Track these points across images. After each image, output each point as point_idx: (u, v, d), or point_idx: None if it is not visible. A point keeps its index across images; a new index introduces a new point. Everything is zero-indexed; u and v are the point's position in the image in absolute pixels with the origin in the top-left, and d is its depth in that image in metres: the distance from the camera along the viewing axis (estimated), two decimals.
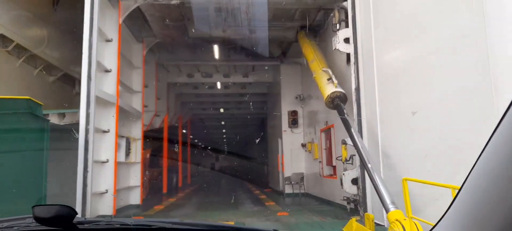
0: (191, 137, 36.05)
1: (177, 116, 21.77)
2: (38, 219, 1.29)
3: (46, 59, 11.00)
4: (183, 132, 25.79)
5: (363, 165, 6.79)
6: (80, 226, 1.38)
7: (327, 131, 11.66)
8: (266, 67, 16.34)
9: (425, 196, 5.50)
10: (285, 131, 14.84)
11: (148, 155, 22.53)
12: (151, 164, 21.24)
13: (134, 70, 12.19)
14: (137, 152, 11.72)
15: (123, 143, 10.72)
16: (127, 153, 10.94)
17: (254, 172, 32.78)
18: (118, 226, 1.48)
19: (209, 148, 70.54)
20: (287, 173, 14.45)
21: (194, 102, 23.33)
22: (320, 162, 12.34)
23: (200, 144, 51.09)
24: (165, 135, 17.29)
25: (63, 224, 1.33)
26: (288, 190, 14.07)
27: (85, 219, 1.47)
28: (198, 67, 17.27)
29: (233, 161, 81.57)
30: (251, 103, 22.89)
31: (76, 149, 7.81)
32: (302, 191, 13.69)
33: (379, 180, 5.70)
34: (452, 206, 0.93)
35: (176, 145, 24.70)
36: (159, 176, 20.89)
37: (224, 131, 39.71)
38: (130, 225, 1.46)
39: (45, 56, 10.95)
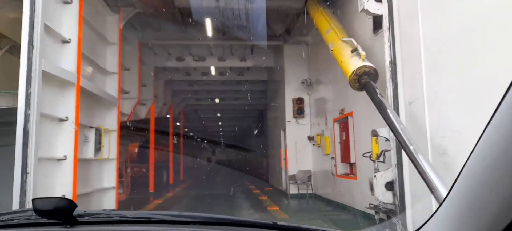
0: (184, 129, 34.08)
1: (167, 106, 19.69)
2: (38, 212, 1.29)
3: None
4: (175, 124, 23.72)
5: (410, 158, 4.76)
6: (79, 219, 1.39)
7: (343, 121, 9.62)
8: (267, 49, 14.22)
9: None
10: (289, 121, 12.79)
11: (134, 150, 20.49)
12: (138, 159, 19.20)
13: (108, 47, 10.06)
14: (111, 146, 9.63)
15: (91, 135, 8.64)
16: (97, 148, 8.85)
17: (253, 168, 30.77)
18: (117, 218, 1.49)
19: (204, 141, 68.70)
20: (292, 170, 12.43)
21: (187, 91, 21.24)
22: (332, 158, 10.32)
23: (194, 137, 48.97)
24: (152, 126, 15.20)
25: (63, 216, 1.34)
26: (292, 190, 12.05)
27: (84, 211, 1.47)
28: (189, 49, 15.15)
29: (230, 156, 79.78)
30: (249, 94, 20.86)
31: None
32: (310, 192, 11.68)
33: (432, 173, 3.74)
34: (443, 203, 0.90)
35: (166, 138, 22.67)
36: (147, 173, 18.87)
37: (220, 123, 37.66)
38: (129, 217, 1.47)
39: None
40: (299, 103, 12.59)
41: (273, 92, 15.66)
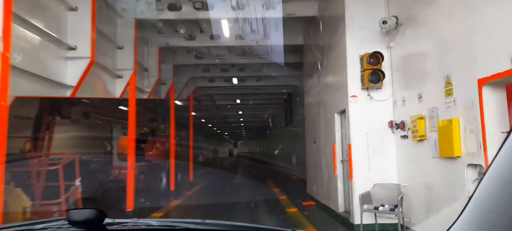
0: (194, 115, 29.13)
1: (167, 83, 14.53)
2: (72, 222, 1.40)
3: None
4: (181, 110, 18.56)
5: None
6: (109, 227, 1.47)
7: None
8: None
9: None
10: (354, 96, 7.23)
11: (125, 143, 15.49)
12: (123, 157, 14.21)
13: None
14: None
15: None
16: None
17: (283, 169, 25.37)
18: (144, 226, 1.59)
19: (225, 134, 63.65)
20: (360, 181, 6.93)
21: (192, 66, 16.02)
22: (473, 165, 4.74)
23: (208, 128, 43.61)
24: (132, 109, 9.91)
25: (94, 225, 1.41)
26: (367, 218, 6.50)
27: (113, 220, 1.55)
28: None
29: (253, 151, 74.68)
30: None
31: None
32: (402, 223, 6.14)
33: None
34: (464, 211, 0.85)
35: (165, 128, 17.56)
36: (143, 175, 13.84)
37: (240, 113, 32.24)
38: (154, 226, 1.58)
39: None
40: (373, 62, 6.98)
41: (319, 52, 10.08)
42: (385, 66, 7.08)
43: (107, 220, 1.45)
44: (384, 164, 6.97)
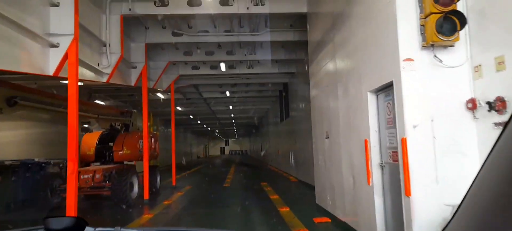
0: (180, 111, 26.33)
1: (139, 66, 11.63)
2: None
3: None
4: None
5: None
6: None
7: None
8: None
9: None
10: (409, 60, 4.47)
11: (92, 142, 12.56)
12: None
13: None
14: None
15: None
16: None
17: (280, 170, 22.65)
18: None
19: (216, 132, 60.68)
20: (423, 199, 4.19)
21: (171, 48, 13.13)
22: None
23: (198, 125, 40.49)
24: (72, 92, 6.98)
25: None
26: None
27: (94, 229, 1.51)
28: None
29: (246, 149, 72.04)
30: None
31: None
32: None
33: None
34: (458, 210, 0.85)
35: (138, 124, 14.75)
36: (109, 181, 10.97)
37: (230, 108, 29.34)
38: None
39: None
40: (445, 1, 4.22)
41: (337, 6, 7.29)
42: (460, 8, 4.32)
43: (88, 229, 1.40)
44: (463, 169, 4.22)
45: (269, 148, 31.60)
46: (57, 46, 6.76)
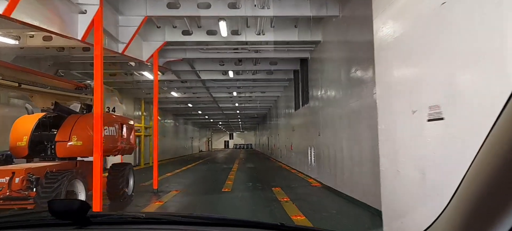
0: (177, 98, 22.22)
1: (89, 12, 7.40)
2: (53, 213, 1.32)
3: None
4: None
5: None
6: (93, 220, 1.41)
7: None
8: None
9: None
10: None
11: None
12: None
13: None
14: None
15: None
16: None
17: (295, 169, 18.45)
18: (129, 219, 1.55)
19: (219, 124, 56.47)
20: None
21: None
22: None
23: (199, 115, 35.42)
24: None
25: (77, 217, 1.36)
26: None
27: (98, 213, 1.57)
28: None
29: (252, 143, 67.80)
30: None
31: None
32: None
33: None
34: (448, 206, 0.85)
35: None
36: (39, 186, 6.87)
37: (234, 95, 25.02)
38: (141, 218, 1.51)
39: None
40: None
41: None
42: None
43: (90, 212, 1.38)
44: None
45: (278, 142, 27.42)
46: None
